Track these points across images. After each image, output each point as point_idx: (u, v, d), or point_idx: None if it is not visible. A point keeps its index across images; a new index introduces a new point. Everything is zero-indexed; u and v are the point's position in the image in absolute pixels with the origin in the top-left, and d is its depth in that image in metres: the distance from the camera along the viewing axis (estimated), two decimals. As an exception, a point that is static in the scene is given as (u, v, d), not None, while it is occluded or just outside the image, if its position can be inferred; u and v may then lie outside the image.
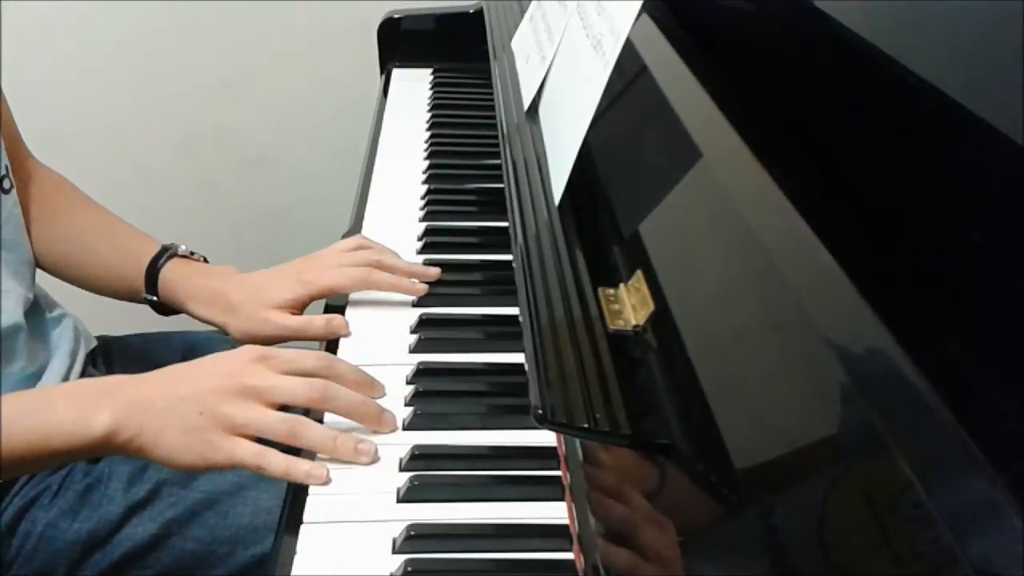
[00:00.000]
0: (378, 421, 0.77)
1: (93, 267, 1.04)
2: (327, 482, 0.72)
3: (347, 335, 0.90)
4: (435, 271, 0.95)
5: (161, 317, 1.02)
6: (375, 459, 0.74)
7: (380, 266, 0.94)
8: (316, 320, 0.91)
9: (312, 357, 0.78)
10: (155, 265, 0.98)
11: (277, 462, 0.72)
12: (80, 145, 1.72)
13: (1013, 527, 0.30)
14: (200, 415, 0.73)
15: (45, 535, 0.88)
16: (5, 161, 0.95)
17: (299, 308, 0.94)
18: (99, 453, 0.76)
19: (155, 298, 0.99)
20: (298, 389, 0.75)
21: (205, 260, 1.01)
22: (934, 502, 0.33)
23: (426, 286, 0.95)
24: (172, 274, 0.98)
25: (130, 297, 1.02)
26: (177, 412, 0.73)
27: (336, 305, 0.94)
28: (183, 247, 1.00)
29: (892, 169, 0.50)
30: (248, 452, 0.73)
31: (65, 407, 0.75)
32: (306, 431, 0.74)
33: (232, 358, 0.77)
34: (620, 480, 0.59)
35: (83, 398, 0.76)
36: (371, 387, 0.79)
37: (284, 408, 0.75)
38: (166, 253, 0.99)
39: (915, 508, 0.34)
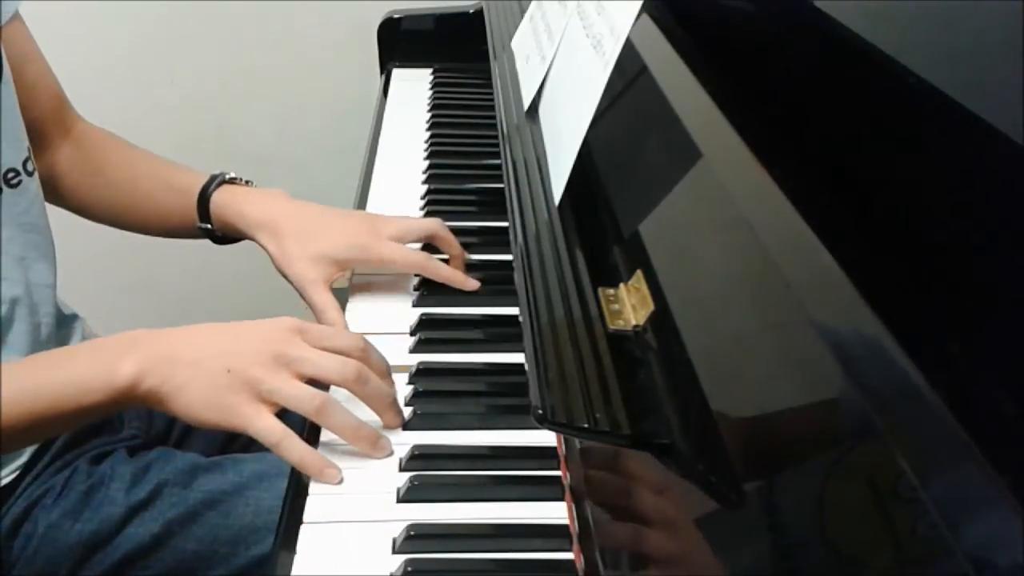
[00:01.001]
0: (395, 416, 0.77)
1: (149, 208, 1.05)
2: (340, 482, 0.72)
3: None
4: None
5: (160, 317, 1.02)
6: (390, 453, 0.74)
7: (438, 239, 0.95)
8: (337, 319, 0.90)
9: (347, 337, 0.77)
10: (205, 192, 0.99)
11: (295, 448, 0.71)
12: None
13: (1010, 521, 0.30)
14: (228, 373, 0.72)
15: (47, 536, 0.88)
16: (27, 144, 0.95)
17: (344, 269, 0.93)
18: (124, 405, 0.75)
19: (209, 226, 1.00)
20: (332, 365, 0.74)
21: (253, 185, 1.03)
22: (934, 501, 0.33)
23: (478, 282, 0.94)
24: (223, 198, 0.99)
25: (187, 231, 1.03)
26: (204, 367, 0.73)
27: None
28: (231, 173, 1.01)
29: (892, 169, 0.50)
30: (268, 426, 0.72)
31: (89, 360, 0.75)
32: (334, 412, 0.73)
33: (268, 326, 0.76)
34: (621, 480, 0.59)
35: (107, 350, 0.75)
36: (392, 382, 0.79)
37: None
38: (215, 180, 1.00)
39: (915, 507, 0.34)
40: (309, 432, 0.75)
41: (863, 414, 0.38)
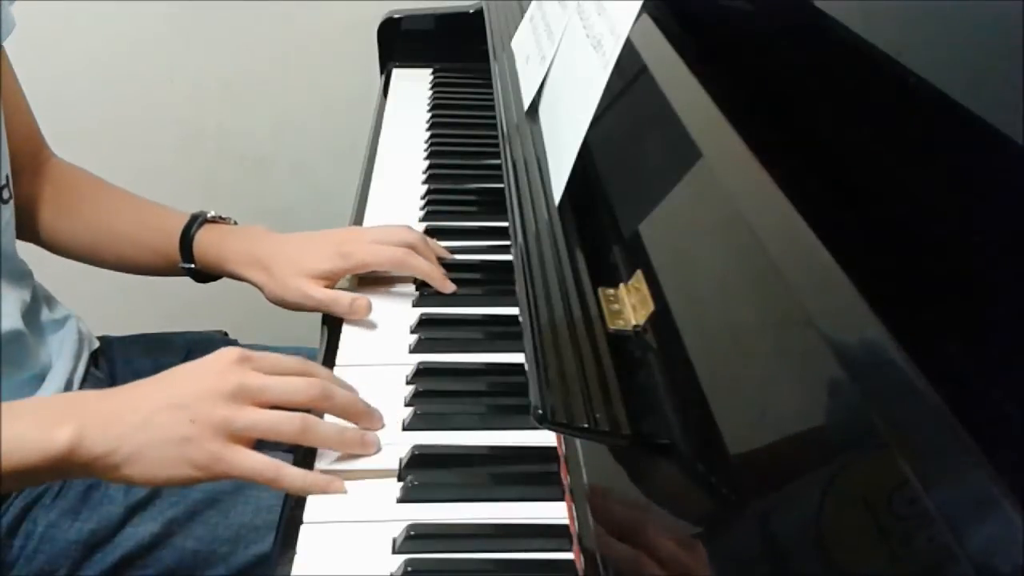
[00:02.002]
0: (370, 419, 0.77)
1: (127, 249, 1.04)
2: (345, 492, 0.71)
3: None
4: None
5: (160, 317, 1.03)
6: (379, 448, 0.74)
7: (416, 249, 0.94)
8: (343, 298, 0.91)
9: (292, 360, 0.76)
10: (188, 234, 0.99)
11: (294, 476, 0.70)
12: (81, 145, 1.71)
13: (1013, 523, 0.30)
14: (192, 423, 0.68)
15: (47, 535, 0.88)
16: (7, 171, 0.95)
17: (333, 280, 0.94)
18: (65, 474, 0.71)
19: (192, 266, 1.00)
20: (298, 387, 0.72)
21: (234, 223, 1.02)
22: (934, 502, 0.33)
23: (454, 285, 0.94)
24: (206, 239, 0.99)
25: (168, 270, 1.02)
26: (162, 423, 0.68)
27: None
28: (211, 212, 1.01)
29: (892, 169, 0.50)
30: (255, 465, 0.69)
31: (29, 421, 0.69)
32: (317, 428, 0.72)
33: (212, 363, 0.73)
34: (620, 480, 0.59)
35: (48, 412, 0.70)
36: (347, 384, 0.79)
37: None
38: (196, 221, 0.99)
39: (915, 507, 0.34)
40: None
41: (863, 414, 0.38)
